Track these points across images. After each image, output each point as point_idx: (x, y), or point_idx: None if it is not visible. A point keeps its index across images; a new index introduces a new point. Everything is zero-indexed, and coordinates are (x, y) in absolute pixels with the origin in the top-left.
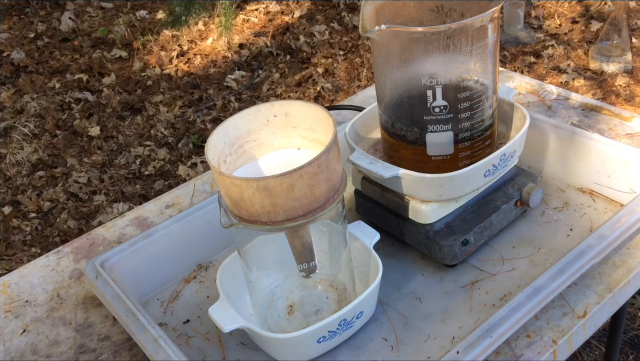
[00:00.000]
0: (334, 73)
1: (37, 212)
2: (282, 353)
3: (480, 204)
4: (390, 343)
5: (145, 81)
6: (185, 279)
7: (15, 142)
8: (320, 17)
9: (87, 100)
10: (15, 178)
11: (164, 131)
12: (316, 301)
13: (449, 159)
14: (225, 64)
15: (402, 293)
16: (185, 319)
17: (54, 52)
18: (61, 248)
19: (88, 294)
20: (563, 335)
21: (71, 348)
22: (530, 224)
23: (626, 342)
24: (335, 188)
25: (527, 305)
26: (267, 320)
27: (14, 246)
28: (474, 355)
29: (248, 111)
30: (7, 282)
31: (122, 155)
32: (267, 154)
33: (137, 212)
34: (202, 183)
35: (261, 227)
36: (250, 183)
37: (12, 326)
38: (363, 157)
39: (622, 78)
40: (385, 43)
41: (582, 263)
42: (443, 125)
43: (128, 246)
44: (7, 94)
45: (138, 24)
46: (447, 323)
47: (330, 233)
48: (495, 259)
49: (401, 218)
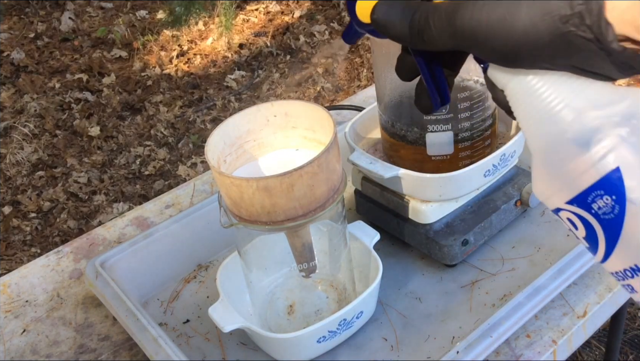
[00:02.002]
0: (334, 73)
1: (37, 212)
2: (282, 353)
3: (480, 204)
4: (390, 343)
5: (145, 81)
6: (185, 279)
7: (15, 142)
8: (320, 17)
9: (87, 100)
10: (15, 178)
11: (164, 131)
12: (316, 301)
13: (449, 159)
14: (225, 64)
15: (402, 293)
16: (185, 319)
17: (54, 52)
18: (61, 248)
19: (88, 294)
20: (563, 335)
21: (71, 348)
22: (530, 224)
23: (626, 342)
24: (335, 188)
25: (527, 305)
26: (267, 320)
27: (14, 246)
28: (474, 355)
29: (248, 111)
30: (7, 282)
31: (122, 155)
32: (267, 154)
33: (137, 212)
34: (202, 183)
35: (261, 227)
36: (250, 183)
37: (12, 326)
38: (363, 157)
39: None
40: (385, 43)
41: (582, 263)
42: (443, 125)
43: (128, 246)
44: (7, 94)
45: (138, 24)
46: (447, 323)
47: (330, 233)
48: (495, 259)
49: (401, 218)
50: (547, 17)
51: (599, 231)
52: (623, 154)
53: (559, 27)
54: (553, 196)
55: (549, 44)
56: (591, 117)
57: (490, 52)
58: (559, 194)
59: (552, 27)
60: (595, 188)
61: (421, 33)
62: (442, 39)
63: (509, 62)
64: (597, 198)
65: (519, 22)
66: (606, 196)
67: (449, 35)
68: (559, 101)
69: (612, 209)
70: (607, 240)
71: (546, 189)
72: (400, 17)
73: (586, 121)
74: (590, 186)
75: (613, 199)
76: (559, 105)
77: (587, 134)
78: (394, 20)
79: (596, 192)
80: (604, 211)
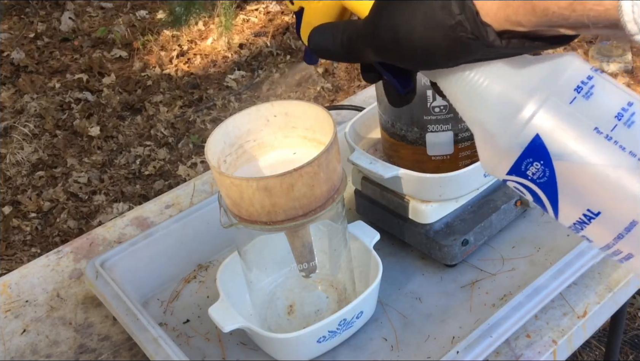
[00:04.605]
0: (334, 73)
1: (37, 212)
2: (282, 353)
3: (480, 204)
4: (390, 343)
5: (145, 81)
6: (185, 279)
7: (15, 142)
8: None
9: (87, 100)
10: (15, 178)
11: (164, 131)
12: (316, 301)
13: (449, 159)
14: (225, 64)
15: (402, 293)
16: (185, 319)
17: (54, 52)
18: (61, 248)
19: (88, 294)
20: (563, 335)
21: (71, 348)
22: (530, 224)
23: (626, 342)
24: (335, 188)
25: (527, 305)
26: (267, 320)
27: (14, 246)
28: (474, 355)
29: (248, 111)
30: (7, 282)
31: (122, 155)
32: (267, 154)
33: (137, 212)
34: (202, 183)
35: (261, 227)
36: (250, 183)
37: (12, 326)
38: (363, 157)
39: (622, 78)
40: None
41: (582, 263)
42: (443, 125)
43: (128, 246)
44: (7, 94)
45: (138, 24)
46: (447, 323)
47: (330, 233)
48: (495, 259)
49: (401, 218)
50: (439, 27)
51: (540, 193)
52: (541, 119)
53: (451, 34)
54: (495, 169)
55: (448, 48)
56: (510, 90)
57: (408, 63)
58: (499, 167)
59: (446, 35)
60: (524, 158)
61: (351, 52)
62: (369, 55)
63: (422, 67)
64: (528, 165)
65: (417, 35)
66: (535, 163)
67: (371, 52)
68: (482, 81)
69: (544, 173)
70: (550, 199)
71: (489, 162)
72: (331, 41)
73: (506, 95)
74: (519, 156)
75: (541, 163)
76: (483, 84)
77: (508, 108)
78: (327, 45)
79: (526, 160)
80: (538, 175)
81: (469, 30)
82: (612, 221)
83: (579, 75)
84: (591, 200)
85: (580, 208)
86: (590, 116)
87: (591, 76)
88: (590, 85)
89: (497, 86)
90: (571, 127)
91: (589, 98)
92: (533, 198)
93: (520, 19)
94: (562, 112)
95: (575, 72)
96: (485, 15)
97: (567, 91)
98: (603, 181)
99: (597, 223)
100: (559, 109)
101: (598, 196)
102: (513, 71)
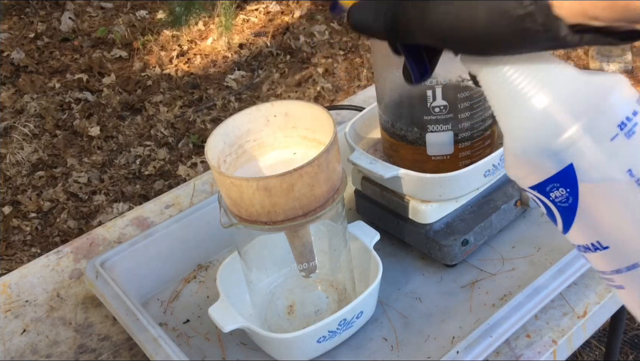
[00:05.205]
0: (334, 73)
1: (37, 212)
2: (282, 353)
3: (480, 204)
4: (390, 343)
5: (145, 81)
6: (185, 279)
7: (15, 142)
8: (320, 17)
9: (87, 100)
10: (15, 178)
11: (164, 131)
12: (316, 301)
13: (449, 159)
14: (225, 64)
15: (402, 293)
16: (185, 319)
17: (54, 52)
18: (61, 248)
19: (88, 294)
20: (563, 335)
21: (71, 348)
22: (530, 224)
23: (626, 342)
24: (335, 188)
25: (527, 305)
26: (267, 320)
27: (14, 246)
28: (474, 355)
29: (248, 111)
30: (7, 282)
31: (122, 155)
32: (267, 154)
33: (137, 212)
34: (202, 183)
35: (261, 227)
36: (250, 183)
37: (12, 326)
38: (363, 157)
39: None
40: (385, 43)
41: (582, 262)
42: (443, 125)
43: (128, 246)
44: (7, 94)
45: (138, 24)
46: (447, 323)
47: (330, 233)
48: (495, 259)
49: (401, 218)
50: (506, 15)
51: (557, 214)
52: (580, 150)
53: (518, 24)
54: (518, 179)
55: (512, 38)
56: (556, 107)
57: (458, 47)
58: (523, 179)
59: (512, 24)
60: (552, 181)
61: (394, 31)
62: (415, 36)
63: (476, 53)
64: (553, 188)
65: (480, 23)
66: (562, 188)
67: (420, 34)
68: (529, 89)
69: (567, 199)
70: (564, 221)
71: (513, 171)
72: (373, 18)
73: (550, 112)
74: (547, 178)
75: (567, 191)
76: (529, 93)
77: (550, 127)
78: (369, 22)
79: (553, 184)
80: (560, 200)
81: (539, 23)
82: (617, 257)
83: (624, 109)
84: (604, 235)
85: (591, 238)
86: (626, 155)
87: (636, 111)
88: (633, 123)
89: (545, 98)
90: (606, 167)
91: (630, 137)
92: (547, 212)
93: (598, 13)
94: (602, 148)
95: (622, 104)
96: (559, 8)
97: (610, 125)
98: (622, 222)
99: (602, 254)
100: (600, 144)
101: (612, 234)
102: (563, 85)
